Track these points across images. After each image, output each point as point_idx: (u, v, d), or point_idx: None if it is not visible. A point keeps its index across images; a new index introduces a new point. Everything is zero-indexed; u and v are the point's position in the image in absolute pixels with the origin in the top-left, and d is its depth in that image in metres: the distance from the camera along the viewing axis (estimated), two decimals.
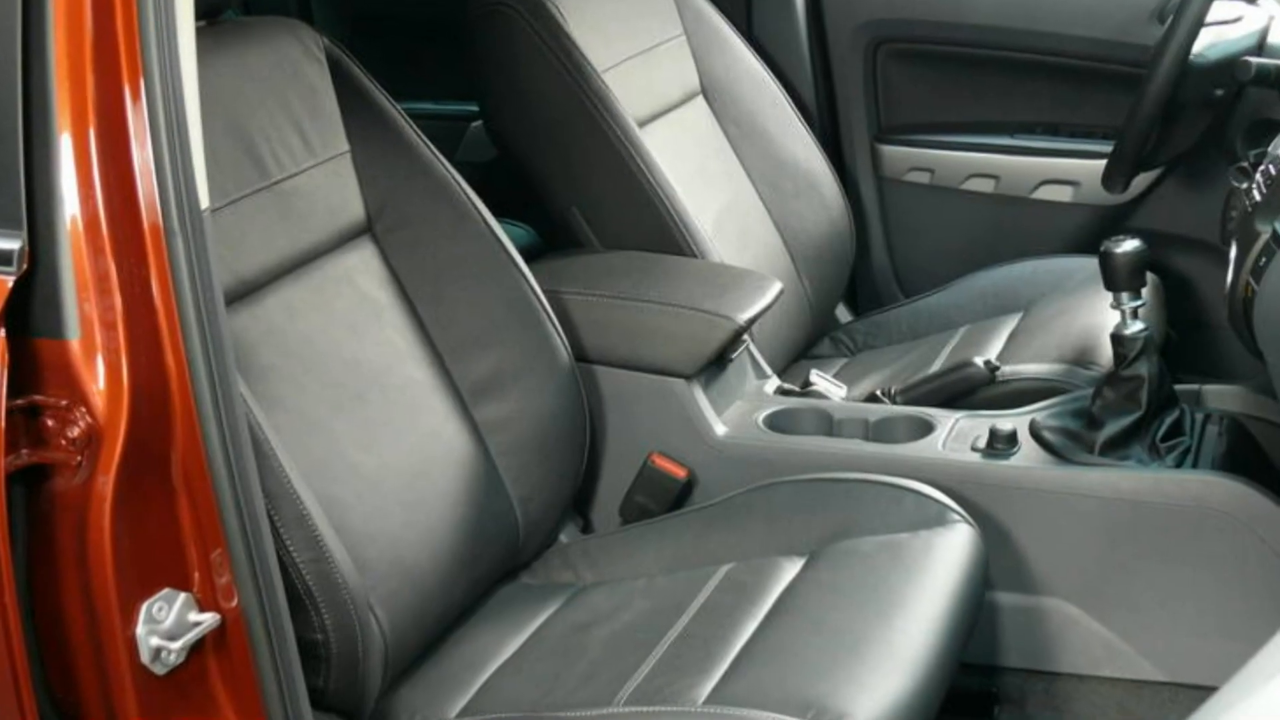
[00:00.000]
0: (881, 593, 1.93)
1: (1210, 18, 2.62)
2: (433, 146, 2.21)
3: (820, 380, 2.63)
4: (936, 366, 2.71)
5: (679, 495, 2.41)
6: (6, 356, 1.31)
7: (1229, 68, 2.68)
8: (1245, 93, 2.80)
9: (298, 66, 2.09)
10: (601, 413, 2.44)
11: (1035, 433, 2.33)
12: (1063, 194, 3.13)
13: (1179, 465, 2.26)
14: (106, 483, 1.33)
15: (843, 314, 3.30)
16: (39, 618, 1.38)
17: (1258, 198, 1.96)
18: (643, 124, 2.76)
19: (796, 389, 2.60)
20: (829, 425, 2.46)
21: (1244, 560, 2.18)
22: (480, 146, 3.26)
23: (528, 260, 2.26)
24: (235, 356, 1.45)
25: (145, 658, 1.38)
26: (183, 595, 1.40)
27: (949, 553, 2.02)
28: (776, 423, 2.47)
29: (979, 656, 2.30)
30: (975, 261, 3.13)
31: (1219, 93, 2.76)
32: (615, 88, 2.68)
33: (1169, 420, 2.31)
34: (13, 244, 1.32)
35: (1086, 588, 2.27)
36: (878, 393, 2.60)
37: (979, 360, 2.58)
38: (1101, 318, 2.59)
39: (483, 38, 2.69)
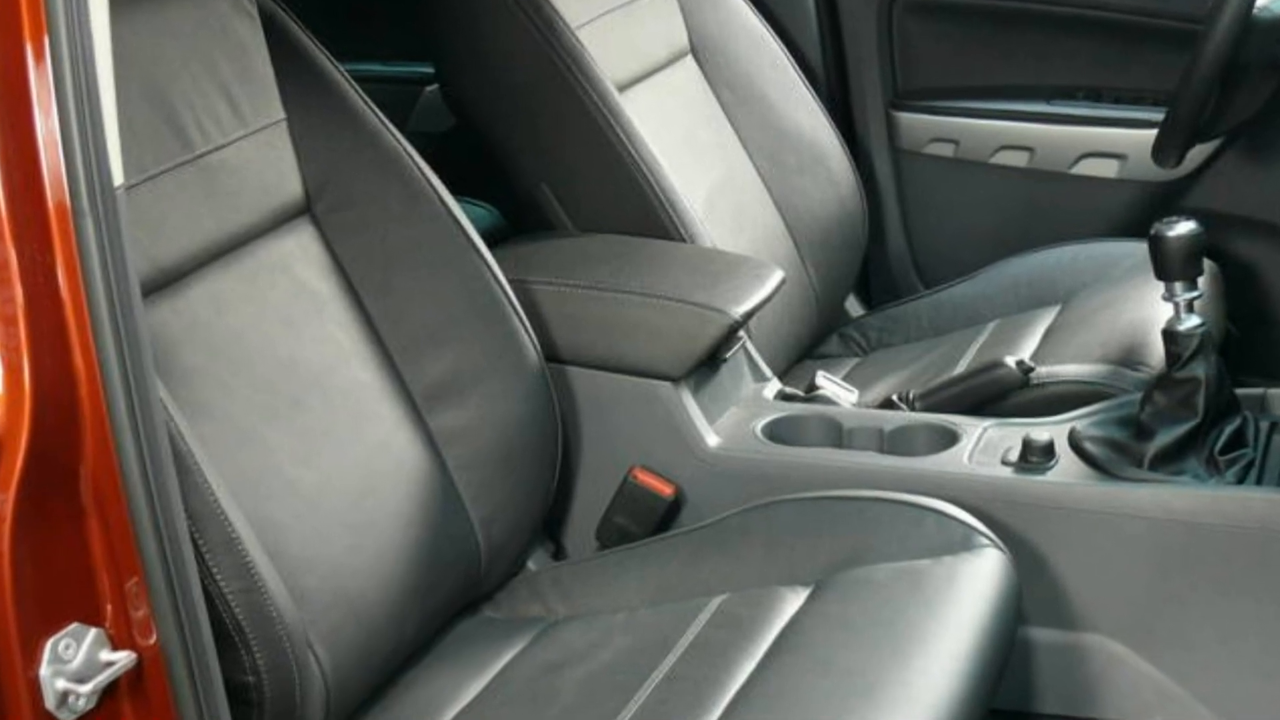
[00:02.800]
0: (898, 628, 1.94)
1: None
2: (381, 115, 2.22)
3: (828, 383, 2.63)
4: (961, 367, 2.72)
5: (665, 516, 2.42)
6: None
7: None
8: None
9: (226, 22, 2.10)
10: (576, 421, 2.45)
11: (1075, 444, 2.35)
12: (1107, 169, 3.15)
13: (1241, 481, 2.27)
14: (5, 502, 1.33)
15: (854, 307, 3.32)
16: None
17: None
18: (623, 88, 2.76)
19: (800, 393, 2.61)
20: (838, 435, 2.47)
21: None
22: (436, 114, 3.27)
23: (490, 245, 2.27)
24: (154, 356, 1.45)
25: (50, 703, 1.38)
26: (93, 631, 1.40)
27: (976, 582, 2.03)
28: (777, 432, 2.48)
29: (1011, 701, 2.31)
30: (1006, 246, 3.14)
31: None
32: (591, 46, 2.68)
33: (1229, 429, 2.32)
34: None
35: (1134, 622, 2.29)
36: (894, 398, 2.61)
37: (1010, 360, 2.59)
38: (1151, 311, 2.60)
39: None
